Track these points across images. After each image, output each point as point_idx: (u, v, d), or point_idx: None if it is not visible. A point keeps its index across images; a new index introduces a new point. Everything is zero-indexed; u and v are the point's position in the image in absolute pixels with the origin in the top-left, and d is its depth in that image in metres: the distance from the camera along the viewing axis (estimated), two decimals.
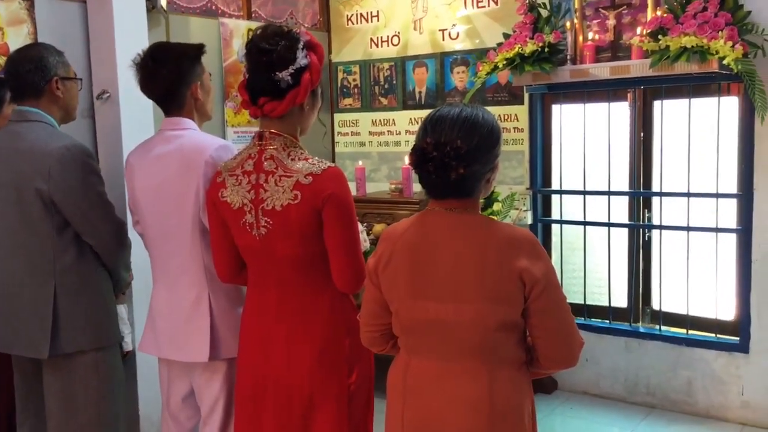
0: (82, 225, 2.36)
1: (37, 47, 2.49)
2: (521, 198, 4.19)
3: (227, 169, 2.09)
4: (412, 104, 4.72)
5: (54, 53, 2.44)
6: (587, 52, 3.72)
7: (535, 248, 1.65)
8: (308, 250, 2.01)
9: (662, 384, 3.91)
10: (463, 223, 1.69)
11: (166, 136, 2.29)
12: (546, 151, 4.27)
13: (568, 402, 4.08)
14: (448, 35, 4.51)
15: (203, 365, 2.29)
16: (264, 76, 1.97)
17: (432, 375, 1.72)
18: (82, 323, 2.38)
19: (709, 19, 3.26)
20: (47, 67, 2.38)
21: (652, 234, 3.99)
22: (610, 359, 4.06)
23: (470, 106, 1.72)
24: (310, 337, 2.05)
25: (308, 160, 2.01)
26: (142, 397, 3.40)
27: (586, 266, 4.16)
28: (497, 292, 1.64)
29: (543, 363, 1.73)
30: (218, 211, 2.11)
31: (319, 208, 1.96)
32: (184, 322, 2.28)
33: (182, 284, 2.29)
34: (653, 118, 3.92)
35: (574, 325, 1.71)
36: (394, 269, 1.73)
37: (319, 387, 2.05)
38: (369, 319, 1.86)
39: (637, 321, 4.06)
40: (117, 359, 2.52)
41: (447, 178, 1.62)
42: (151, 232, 2.34)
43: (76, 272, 2.38)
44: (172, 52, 2.29)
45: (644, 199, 3.99)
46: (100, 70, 3.38)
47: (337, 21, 4.98)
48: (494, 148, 1.69)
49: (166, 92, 2.27)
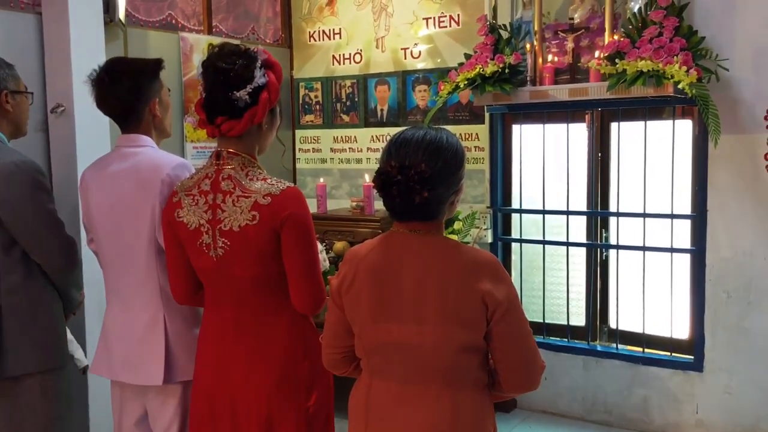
0: (31, 243, 2.29)
1: None
2: (482, 216, 4.21)
3: (183, 188, 2.05)
4: (373, 122, 4.73)
5: (3, 66, 2.37)
6: (546, 74, 3.77)
7: (498, 272, 1.65)
8: (266, 272, 1.98)
9: (619, 402, 3.95)
10: (426, 246, 1.68)
11: (123, 153, 2.24)
12: (506, 170, 4.31)
13: (526, 421, 4.09)
14: (410, 54, 4.53)
15: (157, 388, 2.22)
16: (221, 96, 1.94)
17: (394, 397, 1.70)
18: (30, 345, 2.31)
19: (665, 44, 3.34)
20: None
21: (609, 253, 4.05)
22: (568, 378, 4.09)
23: (434, 128, 1.72)
24: (269, 359, 2.01)
25: (267, 180, 1.98)
26: (93, 420, 3.30)
27: (546, 285, 4.20)
28: (460, 315, 1.63)
29: (504, 386, 1.73)
30: (174, 232, 2.06)
31: (278, 229, 1.93)
32: (139, 344, 2.22)
33: (137, 305, 2.23)
34: (610, 139, 3.99)
35: (536, 349, 1.71)
36: (357, 291, 1.71)
37: (278, 410, 2.01)
38: (332, 341, 1.83)
39: (594, 339, 4.11)
40: (67, 382, 2.45)
41: (411, 202, 1.61)
42: (106, 251, 2.27)
43: (24, 292, 2.30)
44: (130, 67, 2.23)
45: (602, 219, 4.05)
46: (54, 83, 3.30)
47: (300, 37, 4.97)
48: (458, 171, 1.69)
49: (124, 109, 2.22)
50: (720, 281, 3.63)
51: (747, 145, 3.51)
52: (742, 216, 3.56)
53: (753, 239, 3.54)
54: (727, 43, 3.47)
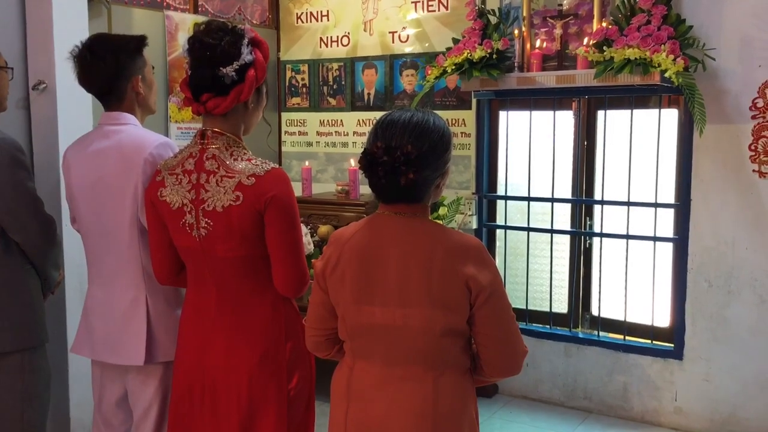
0: (9, 221, 2.26)
1: None
2: (467, 202, 4.21)
3: (167, 167, 2.03)
4: (360, 105, 4.70)
5: None
6: (534, 60, 3.76)
7: (482, 256, 1.65)
8: (249, 253, 1.96)
9: (599, 389, 3.99)
10: (411, 228, 1.68)
11: (105, 131, 2.21)
12: (492, 156, 4.31)
13: (507, 406, 4.12)
14: (398, 38, 4.50)
15: (138, 368, 2.22)
16: (207, 72, 1.91)
17: (376, 380, 1.70)
18: (7, 324, 2.29)
19: (653, 32, 3.34)
20: None
21: (593, 241, 4.06)
22: (549, 364, 4.12)
23: (422, 111, 1.71)
24: (251, 341, 2.00)
25: (251, 160, 1.96)
26: (73, 399, 3.28)
27: (529, 272, 4.21)
28: (443, 298, 1.63)
29: (487, 370, 1.73)
30: (157, 211, 2.04)
31: (261, 210, 1.92)
32: (120, 324, 2.20)
33: (118, 285, 2.22)
34: (596, 127, 4.00)
35: (519, 334, 1.71)
36: (342, 273, 1.71)
37: (259, 392, 2.00)
38: (315, 323, 1.83)
39: (576, 326, 4.13)
40: (44, 361, 2.43)
41: (397, 183, 1.60)
42: (87, 230, 2.25)
43: (2, 270, 2.28)
44: (112, 44, 2.19)
45: (586, 206, 4.06)
46: (36, 60, 3.24)
47: (287, 19, 4.92)
48: (445, 154, 1.68)
49: (105, 86, 2.18)
50: (702, 270, 3.66)
51: (732, 135, 3.52)
52: (725, 206, 3.58)
53: (735, 229, 3.57)
54: (715, 33, 3.48)
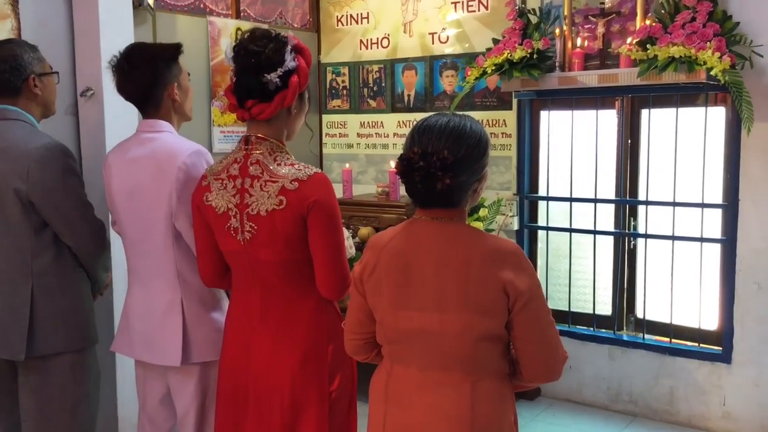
0: (61, 226, 2.32)
1: (9, 45, 2.40)
2: (508, 204, 4.18)
3: (213, 172, 2.07)
4: (400, 107, 4.71)
5: (28, 50, 2.39)
6: (576, 60, 3.72)
7: (520, 261, 1.64)
8: (292, 256, 1.99)
9: (644, 393, 3.92)
10: (448, 233, 1.67)
11: (142, 138, 2.27)
12: (533, 157, 4.27)
13: (550, 409, 4.08)
14: (437, 39, 4.49)
15: (176, 368, 2.27)
16: (252, 78, 1.96)
17: (414, 385, 1.71)
18: (59, 325, 2.35)
19: (698, 30, 3.27)
20: (22, 66, 2.34)
21: (637, 242, 4.00)
22: (593, 367, 4.07)
23: (459, 115, 1.70)
24: (293, 343, 2.03)
25: (294, 165, 1.99)
26: (120, 398, 3.36)
27: (572, 273, 4.16)
28: (481, 304, 1.62)
29: (526, 376, 1.72)
30: (203, 215, 2.08)
31: (304, 214, 1.94)
32: (157, 325, 2.27)
33: (155, 287, 2.28)
34: (640, 126, 3.93)
35: (558, 339, 1.70)
36: (379, 278, 1.71)
37: (301, 394, 2.03)
38: (354, 327, 1.84)
39: (620, 329, 4.07)
40: (94, 361, 2.49)
41: (433, 189, 1.60)
42: (126, 234, 2.33)
43: (54, 273, 2.34)
44: (148, 53, 2.25)
45: (630, 207, 3.99)
46: (84, 67, 3.33)
47: (327, 22, 4.95)
48: (481, 159, 1.67)
49: (142, 94, 2.24)
50: (751, 272, 3.57)
51: None
52: None
53: None
54: (763, 29, 3.38)
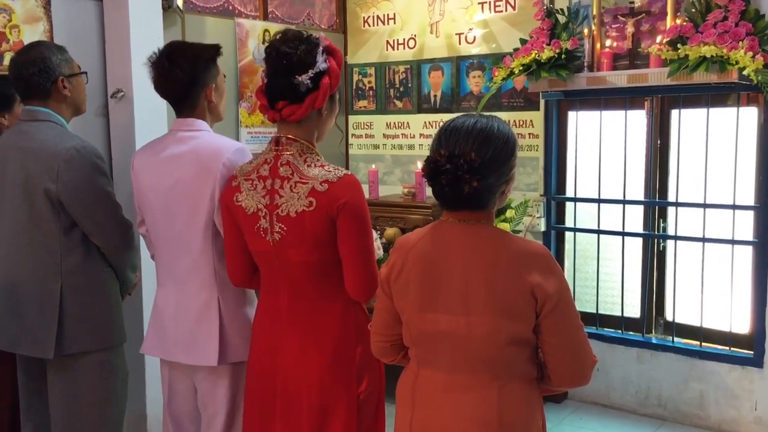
0: (90, 226, 2.35)
1: (38, 48, 2.42)
2: (535, 205, 4.15)
3: (243, 173, 2.08)
4: (427, 108, 4.70)
5: (56, 51, 2.41)
6: (604, 60, 3.68)
7: (548, 263, 1.62)
8: (321, 258, 1.99)
9: (674, 396, 3.87)
10: (475, 236, 1.67)
11: (179, 136, 2.26)
12: (561, 157, 4.23)
13: (577, 412, 4.04)
14: (464, 39, 4.48)
15: (208, 368, 2.26)
16: (283, 80, 1.96)
17: (441, 387, 1.70)
18: (88, 324, 2.38)
19: (730, 29, 3.22)
20: (51, 68, 2.37)
21: (667, 244, 3.95)
22: (621, 370, 4.02)
23: (486, 116, 1.69)
24: (321, 344, 2.03)
25: (324, 167, 1.99)
26: (149, 396, 3.40)
27: (599, 275, 4.12)
28: (508, 307, 1.61)
29: (554, 380, 1.70)
30: (232, 216, 2.09)
31: (334, 216, 1.94)
32: (194, 325, 2.25)
33: (192, 287, 2.26)
34: (670, 126, 3.88)
35: (587, 344, 1.68)
36: (406, 280, 1.71)
37: (329, 395, 2.03)
38: (380, 329, 1.84)
39: (649, 332, 4.02)
40: (122, 360, 2.52)
41: (460, 191, 1.59)
42: (160, 233, 2.30)
43: (83, 272, 2.37)
44: (189, 53, 2.23)
45: (660, 208, 3.94)
46: (115, 69, 3.38)
47: (354, 23, 4.96)
48: (509, 160, 1.66)
49: (181, 94, 2.23)
50: None
51: None
52: None
53: None
54: None
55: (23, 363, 2.50)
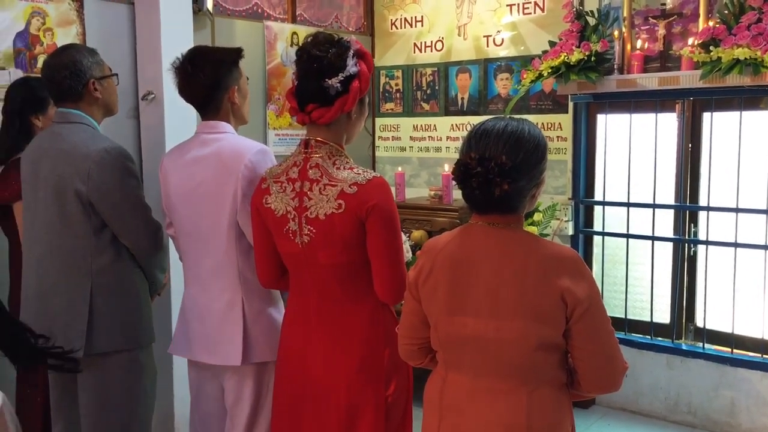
0: (119, 227, 2.38)
1: (69, 51, 2.45)
2: (563, 208, 4.12)
3: (272, 175, 2.09)
4: (454, 110, 4.69)
5: (86, 54, 2.44)
6: (635, 62, 3.65)
7: (578, 267, 1.61)
8: (350, 260, 1.99)
9: (704, 404, 3.81)
10: (504, 239, 1.65)
11: (203, 139, 2.29)
12: (589, 161, 4.20)
13: (605, 418, 4.00)
14: (492, 41, 4.46)
15: (233, 368, 2.28)
16: (313, 83, 1.97)
17: (469, 392, 1.69)
18: (118, 323, 2.40)
19: (764, 31, 3.17)
20: (82, 71, 2.39)
21: (697, 249, 3.89)
22: (650, 376, 3.97)
23: (516, 119, 1.68)
24: (350, 347, 2.03)
25: (353, 169, 1.99)
26: (177, 395, 3.43)
27: (628, 280, 4.08)
28: (537, 311, 1.59)
29: (584, 386, 1.68)
30: (261, 218, 2.10)
31: (363, 218, 1.94)
32: (217, 325, 2.28)
33: (216, 287, 2.29)
34: (702, 130, 3.82)
35: (618, 349, 1.66)
36: (434, 283, 1.70)
37: (357, 397, 2.03)
38: (407, 332, 1.83)
39: (679, 338, 3.96)
40: (150, 359, 2.54)
41: (491, 194, 1.58)
42: (185, 235, 2.33)
43: (113, 273, 2.40)
44: (211, 57, 2.27)
45: (691, 213, 3.89)
46: (145, 71, 3.42)
47: (381, 25, 4.97)
48: (540, 164, 1.65)
49: (204, 97, 2.26)
50: None
51: None
52: None
53: None
54: None
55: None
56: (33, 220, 2.43)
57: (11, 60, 3.07)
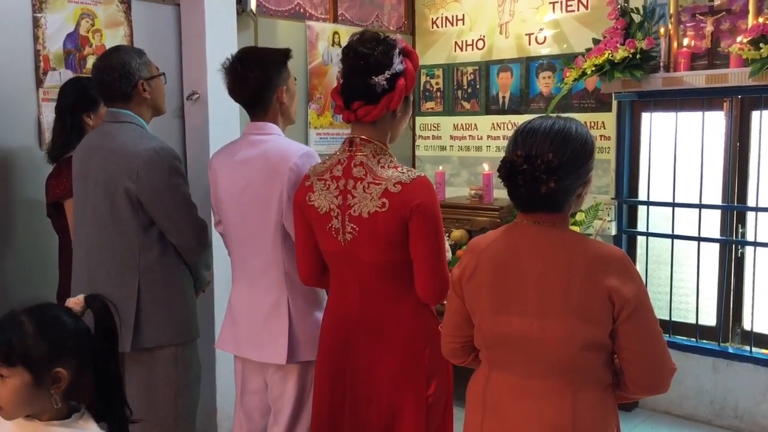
0: (166, 224, 2.42)
1: (117, 53, 2.49)
2: (606, 208, 4.07)
3: (316, 173, 2.10)
4: (495, 109, 4.66)
5: (135, 56, 2.48)
6: (682, 60, 3.58)
7: (626, 267, 1.59)
8: (392, 259, 1.99)
9: (751, 408, 3.72)
10: (550, 238, 1.64)
11: (251, 140, 2.31)
12: (633, 160, 4.13)
13: (648, 421, 3.93)
14: (534, 40, 4.42)
15: (277, 365, 2.30)
16: (360, 80, 1.98)
17: (513, 391, 1.68)
18: (164, 319, 2.44)
19: None
20: (131, 73, 2.43)
21: (745, 250, 3.80)
22: (695, 379, 3.89)
23: (563, 118, 1.66)
24: (391, 346, 2.04)
25: (398, 168, 1.99)
26: (220, 389, 3.48)
27: (673, 281, 4.00)
28: (584, 311, 1.58)
29: (630, 387, 1.66)
30: (304, 215, 2.12)
31: (407, 217, 1.94)
32: (263, 324, 2.30)
33: (262, 286, 2.32)
34: (750, 129, 3.74)
35: (666, 351, 1.63)
36: (478, 282, 1.70)
37: (398, 396, 2.03)
38: (451, 330, 1.83)
39: (726, 341, 3.88)
40: (195, 355, 2.58)
41: (537, 192, 1.57)
42: (233, 234, 2.37)
43: (160, 269, 2.44)
44: (260, 56, 2.30)
45: (738, 213, 3.80)
46: (190, 71, 3.47)
47: (422, 24, 4.96)
48: (587, 162, 1.63)
49: (253, 96, 2.29)
50: None
51: None
52: None
53: None
54: None
55: None
56: (83, 217, 2.49)
57: (61, 61, 3.14)
